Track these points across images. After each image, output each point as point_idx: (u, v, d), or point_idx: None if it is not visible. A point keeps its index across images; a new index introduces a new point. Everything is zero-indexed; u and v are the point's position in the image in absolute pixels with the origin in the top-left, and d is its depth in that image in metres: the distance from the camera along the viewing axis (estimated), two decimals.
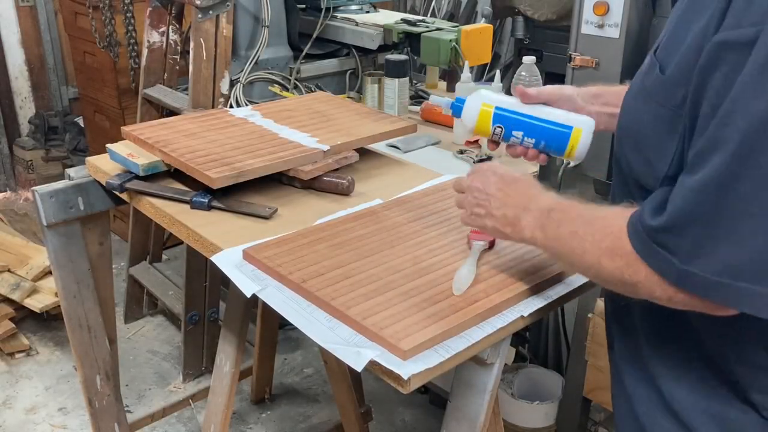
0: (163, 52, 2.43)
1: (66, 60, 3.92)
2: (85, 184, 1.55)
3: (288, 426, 2.32)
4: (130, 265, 2.75)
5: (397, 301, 1.03)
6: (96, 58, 3.03)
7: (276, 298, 1.08)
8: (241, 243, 1.21)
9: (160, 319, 2.85)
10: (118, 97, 3.00)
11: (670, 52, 0.80)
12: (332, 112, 1.71)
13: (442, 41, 2.18)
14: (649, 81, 0.82)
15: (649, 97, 0.81)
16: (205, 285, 2.34)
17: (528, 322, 1.06)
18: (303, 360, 2.63)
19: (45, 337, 2.71)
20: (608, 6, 1.72)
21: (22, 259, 2.74)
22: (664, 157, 0.79)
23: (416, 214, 1.31)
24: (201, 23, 2.05)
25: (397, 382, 0.91)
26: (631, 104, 0.88)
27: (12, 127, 3.87)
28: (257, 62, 2.26)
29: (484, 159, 1.77)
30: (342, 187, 1.43)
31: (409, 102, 2.23)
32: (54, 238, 1.56)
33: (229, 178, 1.34)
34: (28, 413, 2.34)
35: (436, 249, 1.19)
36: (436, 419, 2.30)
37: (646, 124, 0.82)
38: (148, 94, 2.42)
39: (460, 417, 1.09)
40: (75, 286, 1.63)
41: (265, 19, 2.24)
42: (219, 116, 1.66)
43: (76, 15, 3.07)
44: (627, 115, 0.89)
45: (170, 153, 1.41)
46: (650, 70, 0.83)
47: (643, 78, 0.85)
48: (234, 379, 1.59)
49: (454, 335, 0.98)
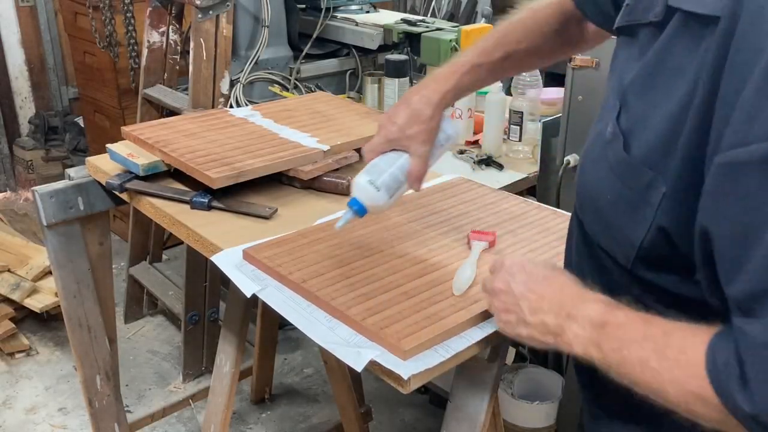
0: (163, 52, 2.43)
1: (66, 60, 3.92)
2: (85, 184, 1.55)
3: (288, 426, 2.32)
4: (130, 265, 2.75)
5: (397, 301, 1.03)
6: (96, 58, 3.03)
7: (276, 298, 1.08)
8: (241, 243, 1.21)
9: (160, 319, 2.85)
10: (118, 97, 3.00)
11: (633, 130, 0.73)
12: (332, 112, 1.71)
13: (442, 41, 2.18)
14: (613, 155, 0.75)
15: (611, 173, 0.75)
16: (205, 285, 2.34)
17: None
18: (303, 360, 2.63)
19: (45, 337, 2.71)
20: None
21: (22, 259, 2.74)
22: (633, 236, 0.73)
23: (416, 214, 1.31)
24: (201, 23, 2.05)
25: (397, 382, 0.91)
26: (592, 172, 0.80)
27: (12, 127, 3.87)
28: (257, 62, 2.26)
29: (484, 159, 1.77)
30: (342, 187, 1.43)
31: None
32: (54, 238, 1.56)
33: (229, 178, 1.34)
34: (28, 413, 2.34)
35: (436, 249, 1.19)
36: (436, 419, 2.30)
37: (611, 202, 0.76)
38: (148, 94, 2.42)
39: (460, 417, 1.09)
40: (75, 286, 1.63)
41: (265, 19, 2.24)
42: (219, 116, 1.66)
43: (76, 15, 3.07)
44: (587, 184, 0.82)
45: (170, 153, 1.41)
46: (614, 141, 0.75)
47: (605, 147, 0.77)
48: (234, 379, 1.59)
49: (454, 335, 0.98)
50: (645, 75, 0.73)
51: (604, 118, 0.79)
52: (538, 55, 1.12)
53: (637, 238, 0.73)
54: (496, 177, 1.71)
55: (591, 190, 0.80)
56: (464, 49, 1.14)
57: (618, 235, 0.76)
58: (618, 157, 0.74)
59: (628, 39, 0.79)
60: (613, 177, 0.75)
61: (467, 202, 1.37)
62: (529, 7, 1.12)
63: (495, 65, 1.09)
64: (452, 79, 1.07)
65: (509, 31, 1.11)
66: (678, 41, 0.69)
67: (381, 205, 1.11)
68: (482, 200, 1.38)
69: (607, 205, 0.76)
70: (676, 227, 0.71)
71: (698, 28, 0.66)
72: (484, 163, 1.76)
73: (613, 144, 0.75)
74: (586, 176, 0.82)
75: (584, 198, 0.83)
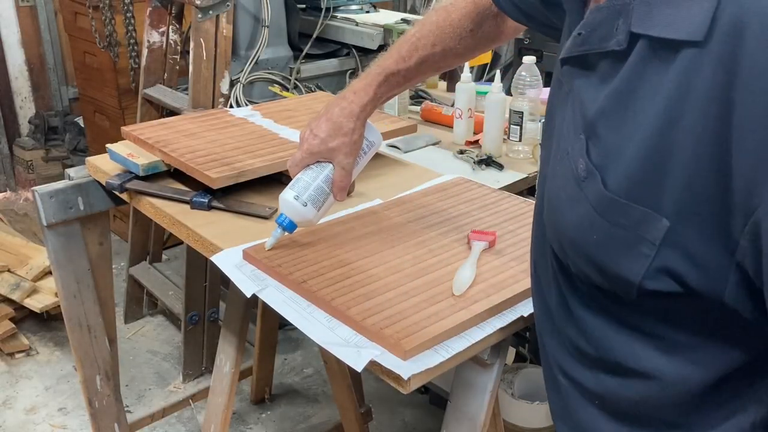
0: (163, 52, 2.43)
1: (66, 60, 3.92)
2: (85, 184, 1.55)
3: (288, 426, 2.32)
4: (130, 265, 2.75)
5: (397, 301, 1.03)
6: (96, 58, 3.03)
7: (276, 298, 1.08)
8: (241, 243, 1.21)
9: (160, 319, 2.85)
10: (118, 97, 3.00)
11: (608, 164, 0.68)
12: None
13: None
14: (592, 194, 0.69)
15: (594, 212, 0.69)
16: (205, 285, 2.34)
17: (528, 322, 1.06)
18: (303, 360, 2.63)
19: (45, 337, 2.71)
20: None
21: (22, 259, 2.74)
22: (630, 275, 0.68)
23: (416, 214, 1.31)
24: (201, 23, 2.05)
25: (397, 382, 0.91)
26: (569, 213, 0.74)
27: (12, 127, 3.87)
28: (257, 62, 2.26)
29: (485, 159, 1.77)
30: None
31: (409, 102, 2.23)
32: (54, 238, 1.56)
33: (229, 178, 1.34)
34: (28, 413, 2.34)
35: (436, 249, 1.19)
36: (436, 419, 2.30)
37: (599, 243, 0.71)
38: (148, 94, 2.42)
39: (460, 417, 1.09)
40: (75, 286, 1.63)
41: (265, 19, 2.24)
42: (219, 116, 1.66)
43: (76, 15, 3.07)
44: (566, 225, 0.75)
45: (170, 153, 1.41)
46: (589, 178, 0.69)
47: (580, 185, 0.71)
48: (234, 379, 1.59)
49: (454, 335, 0.98)
50: (614, 104, 0.68)
51: (569, 153, 0.73)
52: (454, 55, 1.14)
53: (635, 276, 0.68)
54: (496, 177, 1.70)
55: (572, 232, 0.74)
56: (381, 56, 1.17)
57: (611, 276, 0.71)
58: (598, 196, 0.68)
59: (583, 71, 0.74)
60: (596, 216, 0.69)
61: (467, 202, 1.37)
62: (443, 6, 1.12)
63: (410, 71, 1.13)
64: (370, 90, 1.13)
65: (423, 35, 1.12)
66: (647, 68, 0.65)
67: (310, 219, 1.16)
68: (482, 200, 1.38)
69: (595, 246, 0.71)
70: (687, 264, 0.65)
71: (667, 54, 0.63)
72: (484, 163, 1.76)
73: (590, 182, 0.69)
74: (564, 217, 0.75)
75: (564, 239, 0.76)
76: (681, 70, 0.61)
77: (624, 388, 0.77)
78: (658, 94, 0.63)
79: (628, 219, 0.67)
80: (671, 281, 0.66)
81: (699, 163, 0.62)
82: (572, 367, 0.83)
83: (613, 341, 0.75)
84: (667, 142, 0.63)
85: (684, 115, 0.61)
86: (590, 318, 0.77)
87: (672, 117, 0.62)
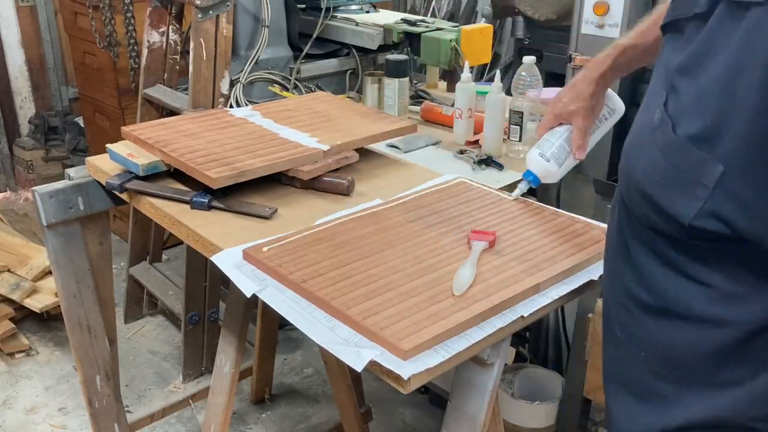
0: (163, 52, 2.43)
1: (66, 60, 3.92)
2: (85, 184, 1.55)
3: (288, 426, 2.32)
4: (130, 265, 2.75)
5: (397, 301, 1.03)
6: (96, 58, 3.03)
7: (276, 298, 1.08)
8: (241, 243, 1.21)
9: (160, 319, 2.85)
10: (118, 97, 3.00)
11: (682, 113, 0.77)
12: (332, 112, 1.71)
13: (442, 41, 2.18)
14: (661, 139, 0.80)
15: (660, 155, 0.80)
16: (205, 285, 2.34)
17: (528, 322, 1.06)
18: (303, 360, 2.63)
19: (45, 337, 2.71)
20: (608, 6, 1.72)
21: (22, 259, 2.74)
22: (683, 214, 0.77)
23: (416, 214, 1.31)
24: (201, 23, 2.05)
25: (397, 382, 0.91)
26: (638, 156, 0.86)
27: (12, 127, 3.87)
28: (257, 62, 2.26)
29: (484, 159, 1.77)
30: (342, 187, 1.43)
31: (409, 102, 2.23)
32: (54, 238, 1.56)
33: (229, 178, 1.34)
34: (28, 413, 2.34)
35: (436, 249, 1.19)
36: (436, 419, 2.30)
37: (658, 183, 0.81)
38: (148, 94, 2.42)
39: (460, 417, 1.09)
40: (75, 286, 1.63)
41: (265, 19, 2.24)
42: (219, 116, 1.66)
43: (76, 15, 3.07)
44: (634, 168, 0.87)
45: (170, 153, 1.41)
46: (662, 125, 0.80)
47: (652, 132, 0.82)
48: (234, 379, 1.59)
49: (454, 335, 0.98)
50: (693, 60, 0.77)
51: (650, 107, 0.84)
52: None
53: (687, 216, 0.76)
54: (496, 177, 1.70)
55: (638, 174, 0.84)
56: None
57: (666, 215, 0.79)
58: (666, 140, 0.78)
59: (675, 35, 0.84)
60: (661, 159, 0.79)
61: (467, 202, 1.37)
62: None
63: (648, 47, 1.17)
64: (608, 60, 1.20)
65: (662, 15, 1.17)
66: (721, 27, 0.73)
67: (553, 173, 1.30)
68: (482, 200, 1.38)
69: (654, 186, 0.80)
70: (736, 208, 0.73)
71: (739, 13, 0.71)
72: (484, 163, 1.76)
73: (662, 128, 0.79)
74: (633, 161, 0.86)
75: (630, 182, 0.87)
76: (748, 27, 0.70)
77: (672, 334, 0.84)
78: (727, 47, 0.71)
79: (688, 162, 0.75)
80: (720, 223, 0.74)
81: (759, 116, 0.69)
82: (628, 318, 0.91)
83: (667, 286, 0.83)
84: (730, 93, 0.71)
85: (748, 68, 0.69)
86: (647, 262, 0.86)
87: (737, 70, 0.70)
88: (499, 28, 3.42)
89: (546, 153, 1.28)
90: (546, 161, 1.28)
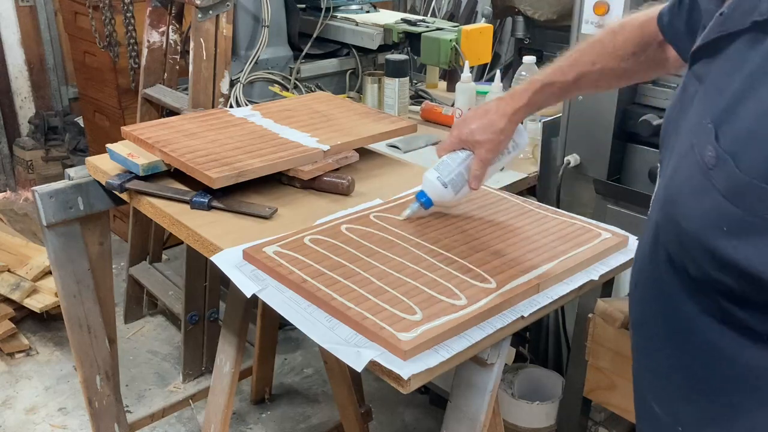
0: (163, 52, 2.43)
1: (66, 60, 3.92)
2: (85, 184, 1.55)
3: (288, 426, 2.32)
4: (130, 265, 2.75)
5: (397, 301, 1.03)
6: (96, 58, 3.03)
7: (276, 298, 1.07)
8: (241, 243, 1.21)
9: (160, 319, 2.85)
10: (118, 97, 3.00)
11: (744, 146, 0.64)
12: (332, 112, 1.71)
13: (443, 41, 2.18)
14: (722, 180, 0.66)
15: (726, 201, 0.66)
16: (205, 285, 2.34)
17: (528, 322, 1.06)
18: (303, 360, 2.63)
19: (45, 337, 2.71)
20: (608, 6, 1.72)
21: (22, 259, 2.74)
22: None
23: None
24: (201, 23, 2.05)
25: (397, 382, 0.91)
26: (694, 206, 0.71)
27: (12, 127, 3.87)
28: (257, 62, 2.26)
29: None
30: (342, 187, 1.43)
31: (409, 102, 2.23)
32: (54, 238, 1.56)
33: (229, 178, 1.34)
34: (28, 413, 2.34)
35: (436, 249, 1.18)
36: (436, 419, 2.30)
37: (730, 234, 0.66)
38: (148, 94, 2.42)
39: (460, 417, 1.09)
40: (75, 286, 1.63)
41: (265, 19, 2.24)
42: (219, 116, 1.66)
43: (76, 15, 3.07)
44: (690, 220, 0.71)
45: (170, 153, 1.41)
46: (720, 165, 0.66)
47: (707, 175, 0.68)
48: (234, 379, 1.59)
49: (454, 335, 0.98)
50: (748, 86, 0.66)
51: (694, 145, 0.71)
52: (612, 75, 1.15)
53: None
54: (496, 177, 1.70)
55: (696, 224, 0.70)
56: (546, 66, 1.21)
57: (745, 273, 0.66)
58: (731, 182, 0.65)
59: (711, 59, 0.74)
60: (727, 205, 0.65)
61: (467, 202, 1.36)
62: (611, 27, 1.13)
63: (567, 84, 1.16)
64: (525, 96, 1.18)
65: (585, 52, 1.14)
66: None
67: (447, 200, 1.25)
68: (482, 200, 1.38)
69: (725, 239, 0.66)
70: None
71: None
72: None
73: (720, 169, 0.66)
74: (688, 210, 0.72)
75: (685, 237, 0.72)
76: None
77: None
78: None
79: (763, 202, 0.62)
80: None
81: None
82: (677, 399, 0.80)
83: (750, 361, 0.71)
84: None
85: None
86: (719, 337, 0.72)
87: None
88: (499, 28, 3.42)
89: (445, 179, 1.22)
90: (443, 187, 1.23)
